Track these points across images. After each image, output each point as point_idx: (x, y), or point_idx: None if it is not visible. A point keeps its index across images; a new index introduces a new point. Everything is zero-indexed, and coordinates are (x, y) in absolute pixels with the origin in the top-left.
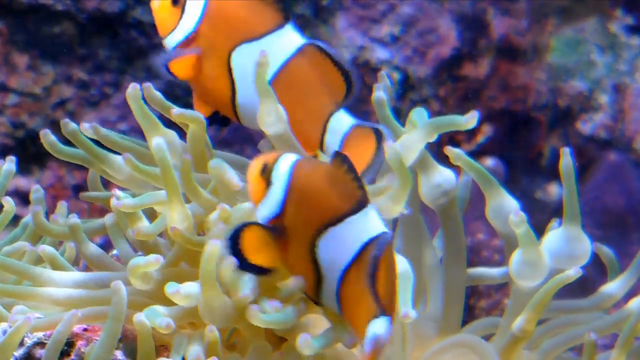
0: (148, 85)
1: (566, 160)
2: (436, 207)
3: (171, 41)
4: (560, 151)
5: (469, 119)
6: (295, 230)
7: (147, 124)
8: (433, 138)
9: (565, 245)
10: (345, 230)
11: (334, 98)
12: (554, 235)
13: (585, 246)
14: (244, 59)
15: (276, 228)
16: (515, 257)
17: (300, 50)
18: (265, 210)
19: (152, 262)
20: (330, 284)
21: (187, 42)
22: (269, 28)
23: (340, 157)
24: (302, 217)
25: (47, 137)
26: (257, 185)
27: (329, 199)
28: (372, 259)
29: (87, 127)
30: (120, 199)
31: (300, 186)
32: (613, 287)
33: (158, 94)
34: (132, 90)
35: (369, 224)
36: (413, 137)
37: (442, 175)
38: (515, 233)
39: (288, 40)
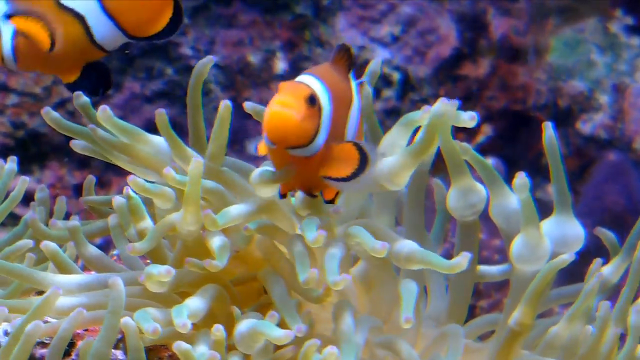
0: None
1: (549, 133)
2: (460, 220)
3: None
4: (542, 126)
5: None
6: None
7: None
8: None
9: (557, 231)
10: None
11: None
12: (546, 222)
13: (578, 231)
14: None
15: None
16: (517, 240)
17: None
18: (324, 132)
19: (163, 275)
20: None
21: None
22: None
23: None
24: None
25: (50, 114)
26: (313, 115)
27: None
28: None
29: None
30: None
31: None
32: (607, 270)
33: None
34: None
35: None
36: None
37: (479, 196)
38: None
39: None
